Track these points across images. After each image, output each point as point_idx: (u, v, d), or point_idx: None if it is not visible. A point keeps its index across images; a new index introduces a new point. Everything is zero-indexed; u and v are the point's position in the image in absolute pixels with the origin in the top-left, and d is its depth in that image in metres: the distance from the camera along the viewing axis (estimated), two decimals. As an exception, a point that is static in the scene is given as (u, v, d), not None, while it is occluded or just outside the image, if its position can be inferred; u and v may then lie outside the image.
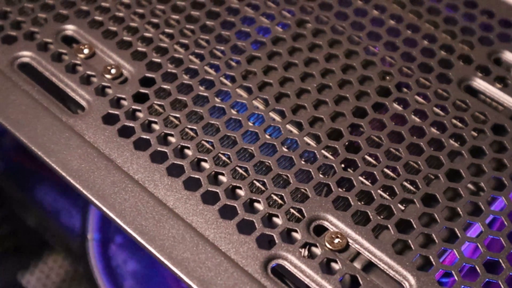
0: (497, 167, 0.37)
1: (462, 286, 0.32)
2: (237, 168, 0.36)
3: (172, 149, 0.36)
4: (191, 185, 0.35)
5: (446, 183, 0.36)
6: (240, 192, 0.35)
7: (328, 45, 0.41)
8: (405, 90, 0.40)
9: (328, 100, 0.39)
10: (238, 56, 0.40)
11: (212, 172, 0.35)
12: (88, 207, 0.55)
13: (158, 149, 0.36)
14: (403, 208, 0.35)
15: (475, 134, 0.38)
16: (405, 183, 0.36)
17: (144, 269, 0.61)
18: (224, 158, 0.37)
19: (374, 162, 0.37)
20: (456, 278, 0.32)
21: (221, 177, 0.36)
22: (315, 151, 0.37)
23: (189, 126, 0.37)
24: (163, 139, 0.37)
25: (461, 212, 0.35)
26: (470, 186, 0.36)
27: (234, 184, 0.35)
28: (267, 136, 0.37)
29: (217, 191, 0.35)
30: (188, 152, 0.36)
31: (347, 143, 0.37)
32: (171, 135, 0.37)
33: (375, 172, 0.36)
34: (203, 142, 0.37)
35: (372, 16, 0.43)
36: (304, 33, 0.42)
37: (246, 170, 0.36)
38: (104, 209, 0.34)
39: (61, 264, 0.83)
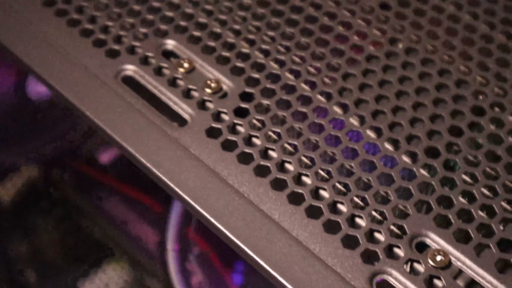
0: None
1: None
2: (337, 184, 0.37)
3: (274, 164, 0.37)
4: (295, 199, 0.36)
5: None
6: (342, 208, 0.36)
7: (421, 64, 0.42)
8: (497, 109, 0.41)
9: (424, 118, 0.39)
10: (334, 73, 0.41)
11: (314, 187, 0.37)
12: (168, 218, 0.56)
13: (261, 163, 0.37)
14: (502, 227, 0.36)
15: None
16: (503, 203, 0.37)
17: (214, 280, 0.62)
18: (323, 173, 0.38)
19: (470, 181, 0.37)
20: (559, 297, 0.33)
21: (322, 192, 0.37)
22: (414, 169, 0.37)
23: (289, 141, 0.38)
24: (264, 154, 0.38)
25: None
26: None
27: (336, 199, 0.36)
28: (365, 153, 0.38)
29: (320, 205, 0.36)
30: (289, 167, 0.38)
31: (444, 162, 0.38)
32: (273, 149, 0.38)
33: (474, 191, 0.36)
34: (302, 158, 0.38)
35: (463, 36, 0.44)
36: (396, 52, 0.43)
37: (345, 186, 0.37)
38: (213, 221, 0.35)
39: (119, 274, 0.84)
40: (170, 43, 0.43)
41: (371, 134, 0.39)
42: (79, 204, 0.78)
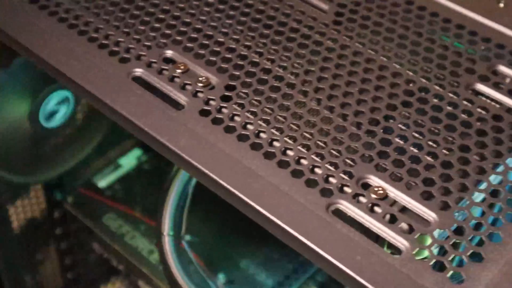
0: (497, 143, 0.49)
1: (473, 221, 0.44)
2: (300, 147, 0.48)
3: (252, 132, 0.49)
4: (268, 156, 0.47)
5: (459, 153, 0.48)
6: (304, 161, 0.47)
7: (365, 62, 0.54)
8: (424, 92, 0.52)
9: (367, 98, 0.51)
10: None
11: (283, 148, 0.48)
12: (163, 208, 0.66)
13: (242, 132, 0.49)
14: (426, 170, 0.47)
15: (478, 123, 0.50)
16: (427, 157, 0.48)
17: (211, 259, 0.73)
18: (289, 141, 0.49)
19: (402, 142, 0.49)
20: (468, 215, 0.44)
21: (289, 152, 0.48)
22: (359, 133, 0.49)
23: (263, 117, 0.50)
24: (244, 126, 0.49)
25: (471, 173, 0.46)
26: (475, 157, 0.48)
27: (300, 155, 0.47)
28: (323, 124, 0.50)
29: (288, 160, 0.47)
30: (263, 135, 0.49)
31: (382, 129, 0.49)
32: (251, 123, 0.49)
33: (405, 147, 0.48)
34: (272, 130, 0.49)
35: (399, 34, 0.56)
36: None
37: (308, 147, 0.48)
38: (208, 172, 0.46)
39: (119, 286, 0.93)
40: (169, 52, 0.55)
41: (325, 111, 0.51)
42: (80, 222, 0.88)
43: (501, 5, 0.59)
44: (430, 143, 0.49)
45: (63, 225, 0.92)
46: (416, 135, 0.49)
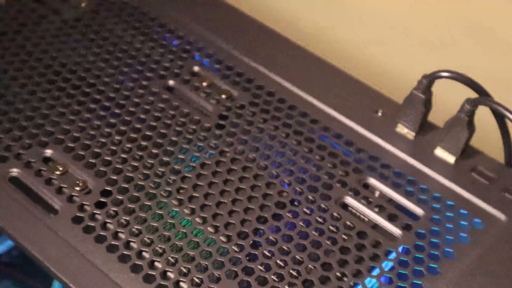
0: (358, 261, 0.51)
1: None
2: (169, 258, 0.49)
3: (122, 243, 0.49)
4: (137, 268, 0.48)
5: (321, 271, 0.49)
6: (170, 275, 0.48)
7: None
8: (296, 204, 0.54)
9: (239, 209, 0.53)
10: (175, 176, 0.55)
11: (150, 261, 0.49)
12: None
13: (112, 242, 0.49)
14: (289, 289, 0.49)
15: (345, 237, 0.52)
16: (292, 271, 0.50)
17: None
18: (160, 250, 0.50)
19: (269, 255, 0.50)
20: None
21: (156, 264, 0.49)
22: (227, 247, 0.50)
23: (135, 227, 0.51)
24: (115, 236, 0.50)
25: (329, 294, 0.48)
26: (338, 274, 0.50)
27: (166, 269, 0.48)
28: (193, 236, 0.51)
29: (154, 273, 0.48)
30: (134, 245, 0.50)
31: (251, 242, 0.51)
32: (122, 232, 0.50)
33: (270, 263, 0.49)
34: (145, 238, 0.50)
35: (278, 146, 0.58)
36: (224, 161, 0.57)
37: (176, 259, 0.49)
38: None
39: None
40: (49, 152, 0.55)
41: (198, 220, 0.52)
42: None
43: (379, 114, 0.62)
44: (298, 257, 0.50)
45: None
46: (285, 248, 0.51)
